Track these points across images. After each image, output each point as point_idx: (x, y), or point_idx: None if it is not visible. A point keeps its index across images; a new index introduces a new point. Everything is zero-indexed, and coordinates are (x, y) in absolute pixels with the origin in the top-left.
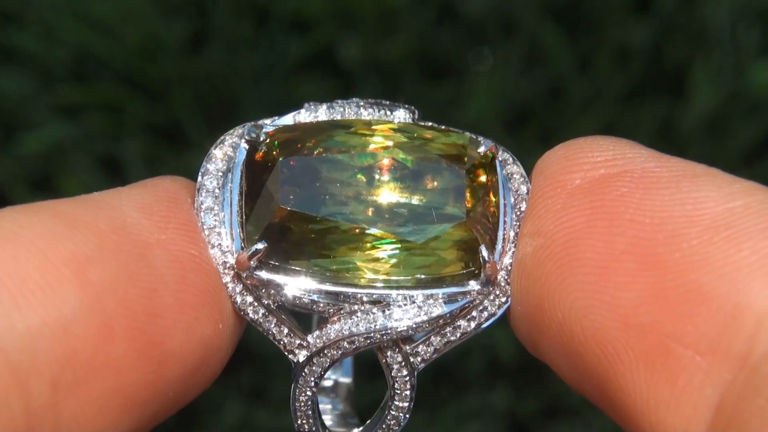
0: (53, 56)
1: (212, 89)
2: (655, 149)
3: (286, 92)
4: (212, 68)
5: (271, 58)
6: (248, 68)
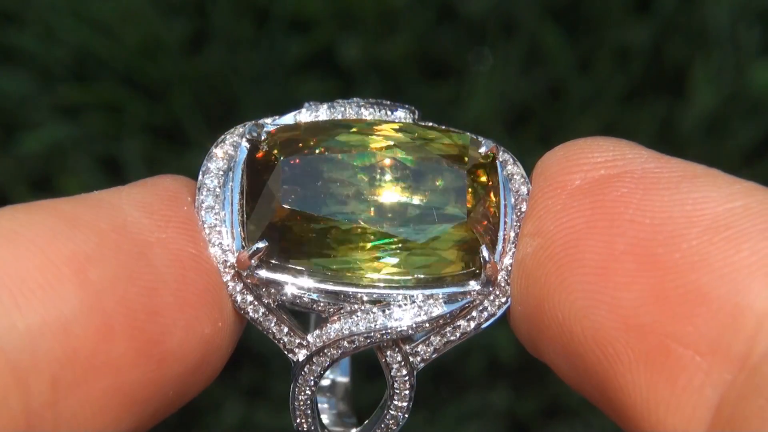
0: (53, 56)
1: (212, 89)
2: (655, 149)
3: (286, 92)
4: (212, 68)
5: (271, 58)
6: (248, 68)
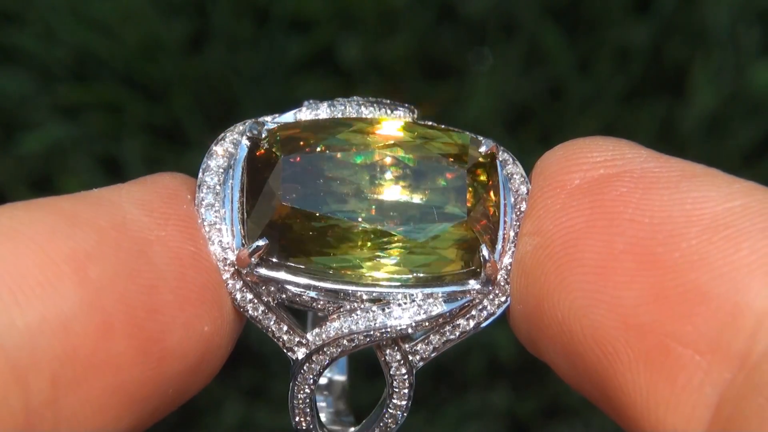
0: (53, 56)
1: (212, 89)
2: (655, 149)
3: (286, 92)
4: (212, 68)
5: (271, 58)
6: (248, 68)
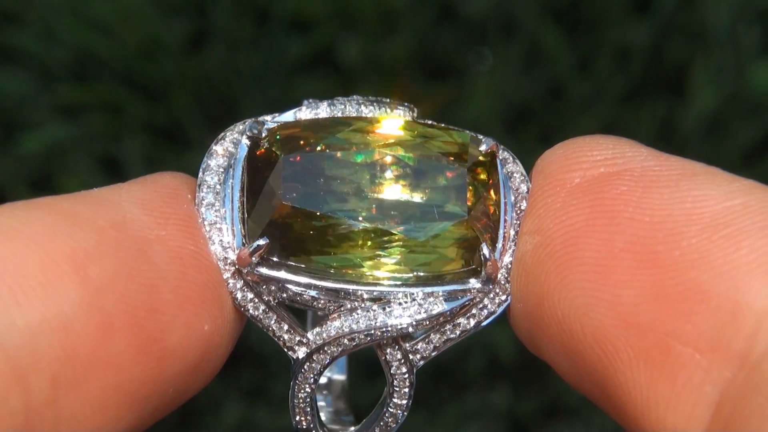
0: (53, 56)
1: (212, 89)
2: (655, 149)
3: (286, 92)
4: (212, 68)
5: (271, 58)
6: (248, 68)
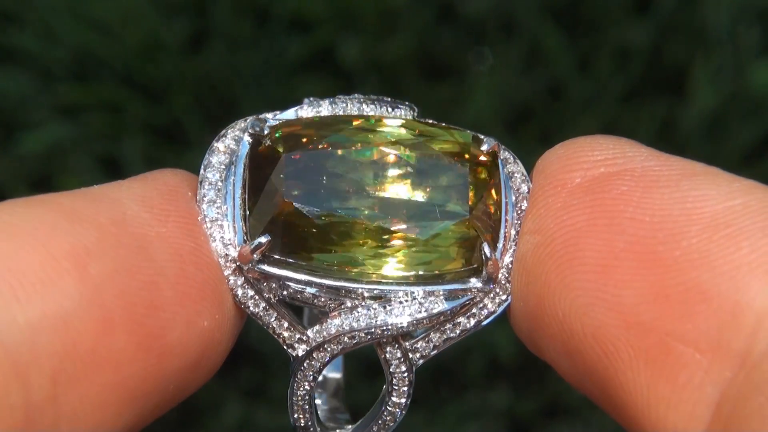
0: (53, 56)
1: (212, 89)
2: (655, 149)
3: (286, 92)
4: (212, 68)
5: (271, 58)
6: (248, 68)
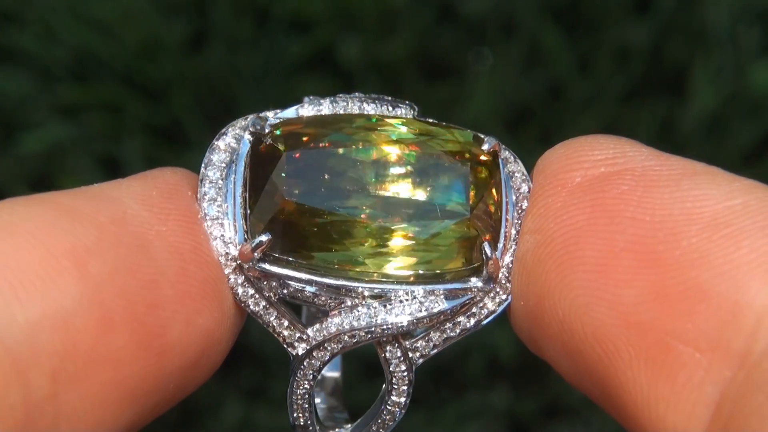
0: (53, 56)
1: (212, 89)
2: (655, 149)
3: (286, 92)
4: (212, 68)
5: (271, 58)
6: (248, 68)
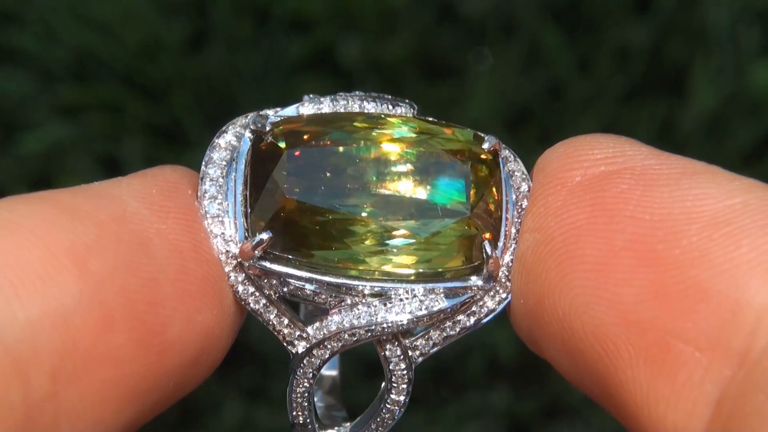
0: (53, 56)
1: (212, 89)
2: (655, 148)
3: (286, 92)
4: (212, 68)
5: (271, 58)
6: (248, 68)
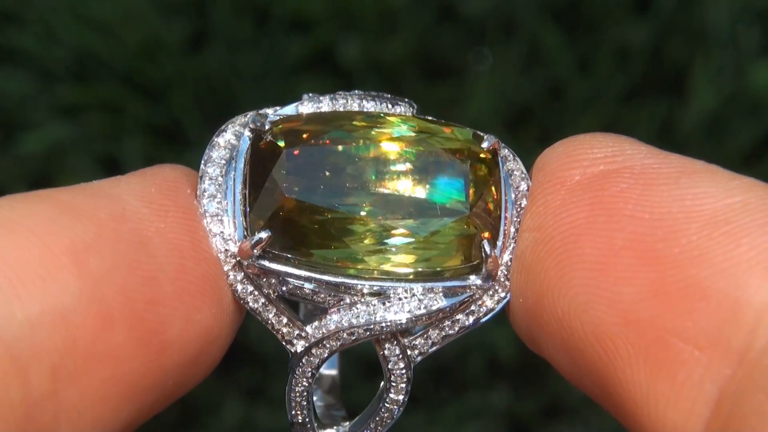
0: (53, 56)
1: (212, 89)
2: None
3: (286, 92)
4: (212, 68)
5: (271, 58)
6: (248, 68)
